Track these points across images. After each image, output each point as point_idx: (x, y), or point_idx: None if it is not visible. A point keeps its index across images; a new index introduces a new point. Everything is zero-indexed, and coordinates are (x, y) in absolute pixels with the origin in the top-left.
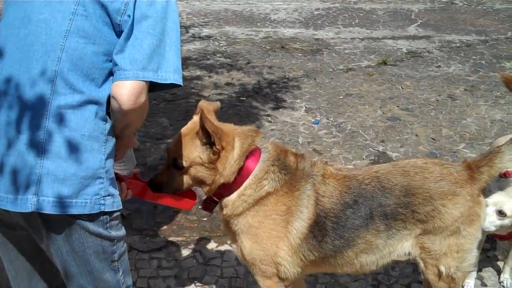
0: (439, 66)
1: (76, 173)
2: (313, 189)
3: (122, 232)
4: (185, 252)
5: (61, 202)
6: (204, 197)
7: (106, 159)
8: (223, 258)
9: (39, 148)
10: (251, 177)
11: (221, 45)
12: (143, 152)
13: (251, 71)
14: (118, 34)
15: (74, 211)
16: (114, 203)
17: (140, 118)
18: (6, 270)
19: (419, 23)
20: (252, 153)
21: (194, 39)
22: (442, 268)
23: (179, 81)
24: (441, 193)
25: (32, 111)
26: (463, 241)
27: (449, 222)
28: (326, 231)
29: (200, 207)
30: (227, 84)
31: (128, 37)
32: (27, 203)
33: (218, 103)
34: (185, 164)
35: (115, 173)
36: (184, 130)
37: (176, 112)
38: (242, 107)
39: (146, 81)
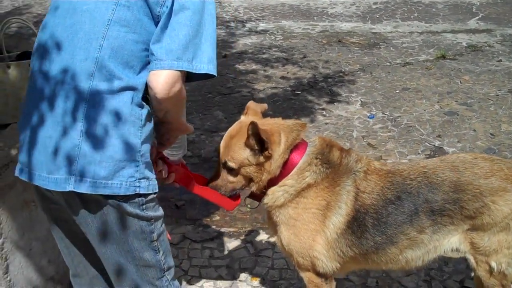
0: (500, 60)
1: (112, 156)
2: (353, 184)
3: (159, 212)
4: (237, 243)
5: (97, 182)
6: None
7: (142, 143)
8: (274, 249)
9: (78, 131)
10: (295, 169)
11: (277, 39)
12: (198, 144)
13: (306, 65)
14: (157, 24)
15: (109, 191)
16: (149, 186)
17: (176, 106)
18: (60, 249)
19: (480, 16)
20: (297, 146)
21: (250, 33)
22: (493, 265)
23: (213, 71)
24: (491, 189)
25: (74, 95)
26: None
27: (499, 219)
28: (366, 227)
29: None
30: (282, 78)
31: (165, 27)
32: (66, 183)
33: (266, 105)
34: (234, 166)
35: (163, 156)
36: (231, 131)
37: (231, 106)
38: (297, 101)
39: (181, 71)
